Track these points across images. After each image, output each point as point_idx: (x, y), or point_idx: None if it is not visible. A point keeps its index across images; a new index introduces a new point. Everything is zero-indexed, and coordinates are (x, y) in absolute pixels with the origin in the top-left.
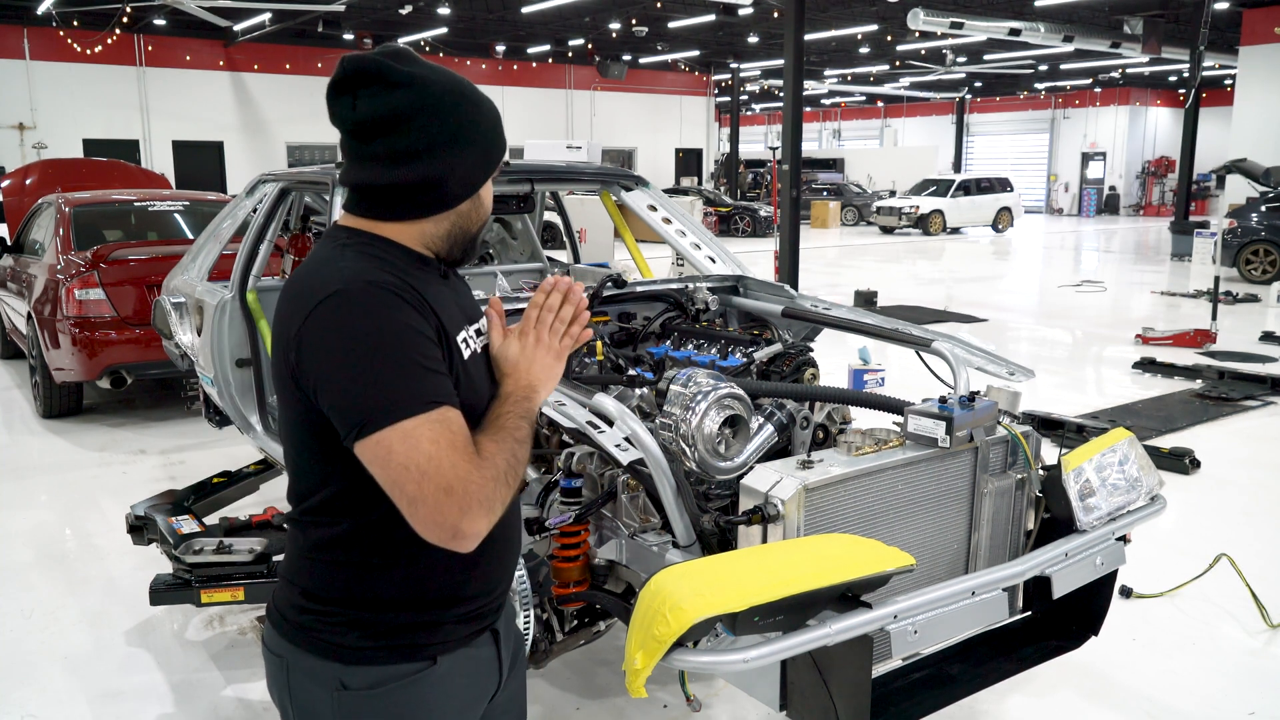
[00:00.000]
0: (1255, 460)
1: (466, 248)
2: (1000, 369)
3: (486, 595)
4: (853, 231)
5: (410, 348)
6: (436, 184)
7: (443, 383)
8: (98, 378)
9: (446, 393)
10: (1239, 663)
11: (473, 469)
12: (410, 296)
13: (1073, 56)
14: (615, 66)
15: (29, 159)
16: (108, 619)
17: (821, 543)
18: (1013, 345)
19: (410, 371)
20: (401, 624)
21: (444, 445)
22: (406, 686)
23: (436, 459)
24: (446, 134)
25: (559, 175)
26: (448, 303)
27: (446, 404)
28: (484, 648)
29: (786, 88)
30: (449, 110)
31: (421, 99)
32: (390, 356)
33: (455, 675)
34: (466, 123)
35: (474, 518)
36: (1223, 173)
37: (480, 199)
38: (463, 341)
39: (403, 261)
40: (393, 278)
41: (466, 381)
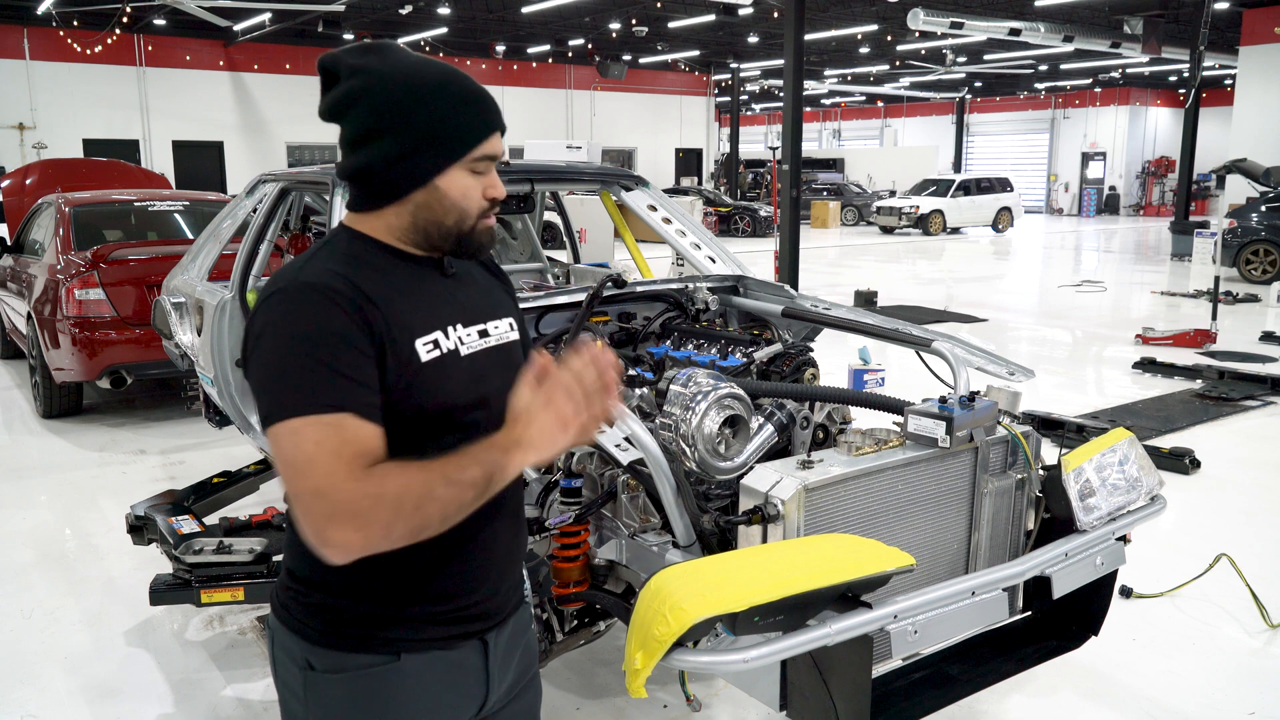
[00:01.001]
0: (1255, 460)
1: (454, 241)
2: (1000, 369)
3: (458, 599)
4: (853, 231)
5: (323, 351)
6: (370, 172)
7: (352, 391)
8: (98, 378)
9: (354, 401)
10: (1239, 663)
11: (347, 479)
12: (347, 300)
13: (1073, 56)
14: (615, 66)
15: (29, 159)
16: (108, 619)
17: (821, 543)
18: (1013, 345)
19: (315, 374)
20: (362, 614)
21: (326, 449)
22: (368, 677)
23: (314, 460)
24: (378, 122)
25: (559, 175)
26: (426, 303)
27: (348, 411)
28: (467, 655)
29: (786, 88)
30: (383, 98)
31: (359, 89)
32: (299, 356)
33: (425, 677)
34: (397, 111)
35: (340, 527)
36: (1223, 173)
37: (441, 190)
38: (430, 343)
39: (377, 259)
40: (338, 280)
41: (428, 383)
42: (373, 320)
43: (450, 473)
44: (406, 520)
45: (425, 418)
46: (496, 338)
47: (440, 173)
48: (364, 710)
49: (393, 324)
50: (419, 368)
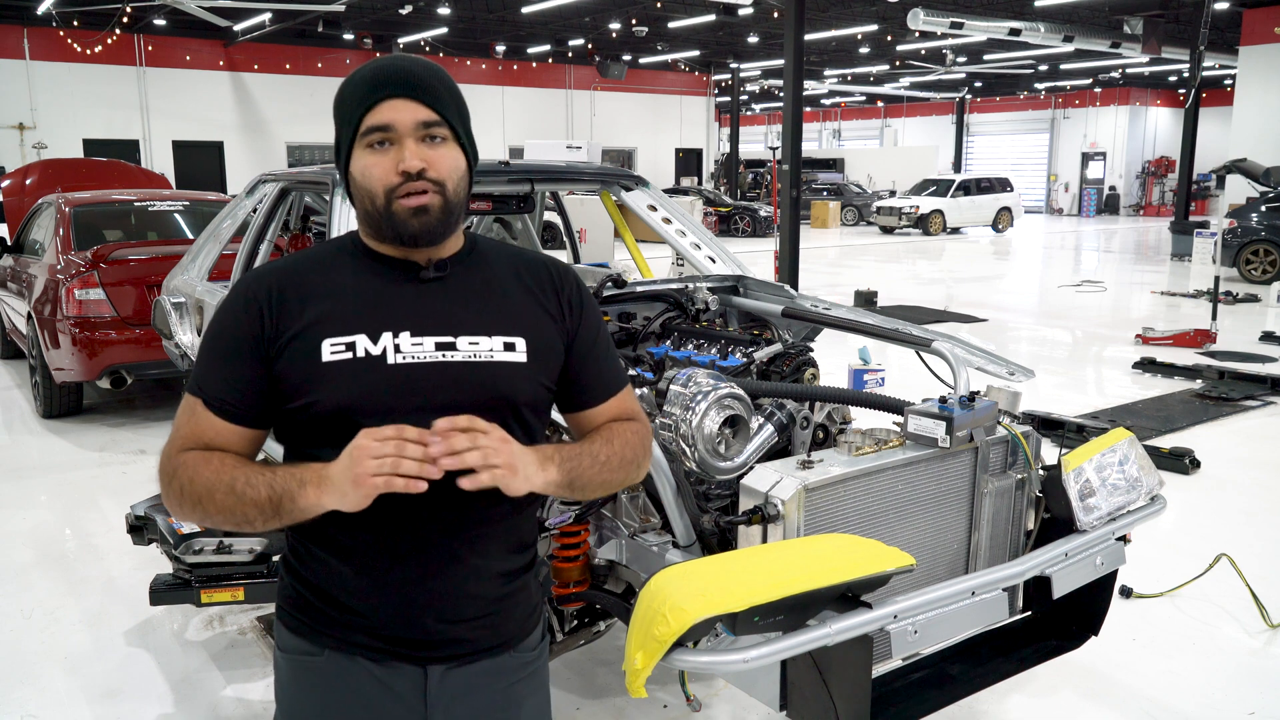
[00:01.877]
0: (1255, 460)
1: (386, 226)
2: (1000, 369)
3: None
4: (853, 231)
5: (214, 343)
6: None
7: (212, 383)
8: (98, 378)
9: (208, 392)
10: (1239, 663)
11: (166, 452)
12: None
13: (1073, 56)
14: (615, 66)
15: (29, 159)
16: (108, 619)
17: (821, 543)
18: (1013, 345)
19: (202, 358)
20: (299, 600)
21: (177, 422)
22: (301, 664)
23: (175, 426)
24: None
25: (559, 175)
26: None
27: (201, 399)
28: (397, 678)
29: (786, 88)
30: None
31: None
32: (204, 339)
33: (347, 680)
34: (335, 108)
35: (160, 483)
36: (1223, 173)
37: (353, 175)
38: (340, 345)
39: (343, 260)
40: (263, 281)
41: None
42: (271, 321)
43: (238, 485)
44: (189, 509)
45: (322, 417)
46: (467, 354)
47: (349, 156)
48: (298, 695)
49: (306, 324)
50: (318, 367)
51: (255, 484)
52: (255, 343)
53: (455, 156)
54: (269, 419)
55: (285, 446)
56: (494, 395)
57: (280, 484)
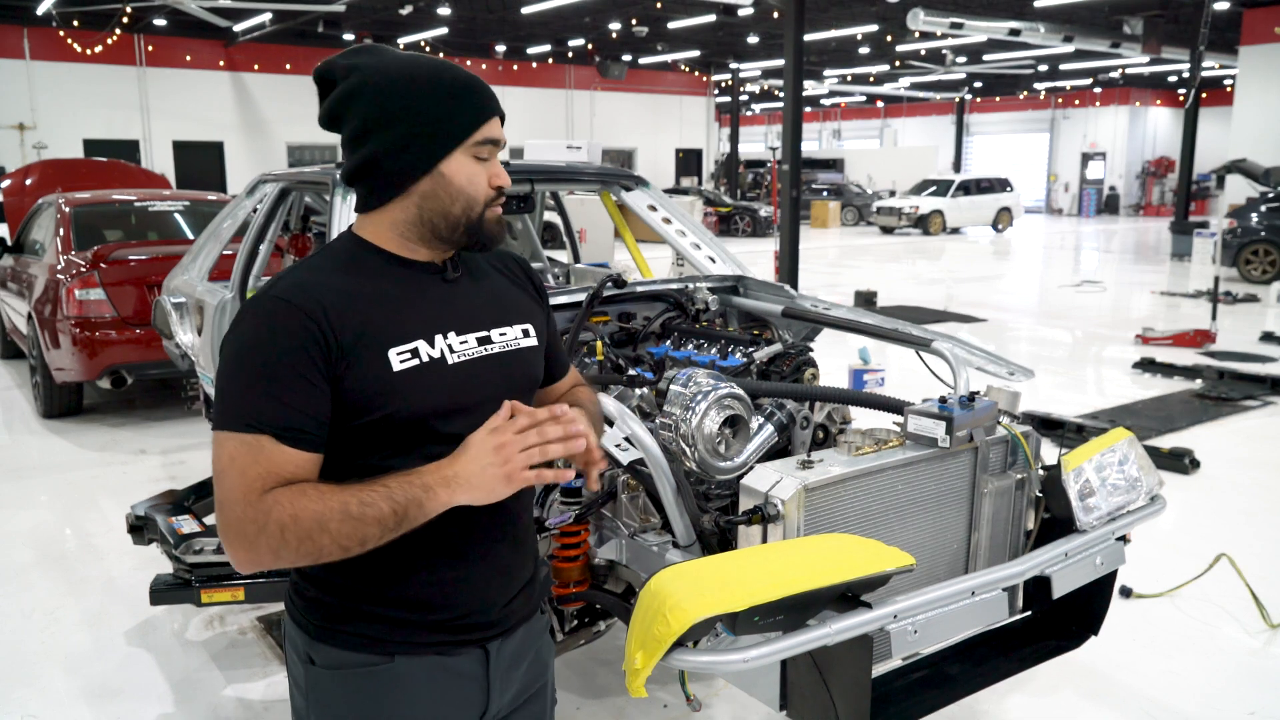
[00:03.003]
0: (1255, 460)
1: (463, 232)
2: (1000, 369)
3: (449, 611)
4: (853, 231)
5: (262, 371)
6: (374, 164)
7: (278, 412)
8: (98, 378)
9: (274, 423)
10: (1239, 663)
11: (241, 501)
12: (306, 317)
13: (1073, 56)
14: (615, 66)
15: (29, 159)
16: (108, 619)
17: (821, 543)
18: (1013, 345)
19: (248, 392)
20: (357, 613)
21: (236, 467)
22: (363, 676)
23: (225, 474)
24: (376, 114)
25: (559, 175)
26: (412, 311)
27: (268, 434)
28: (465, 663)
29: (786, 88)
30: (371, 92)
31: (352, 86)
32: (240, 373)
33: (420, 680)
34: (389, 102)
35: (231, 543)
36: (1223, 173)
37: (446, 177)
38: (406, 353)
39: (371, 266)
40: (306, 295)
41: (401, 392)
42: (332, 337)
43: (352, 507)
44: (294, 549)
45: (398, 426)
46: (501, 345)
47: (444, 158)
48: (359, 708)
49: (363, 335)
50: (390, 377)
51: (372, 501)
52: (322, 362)
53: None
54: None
55: (343, 462)
56: (526, 380)
57: (401, 494)
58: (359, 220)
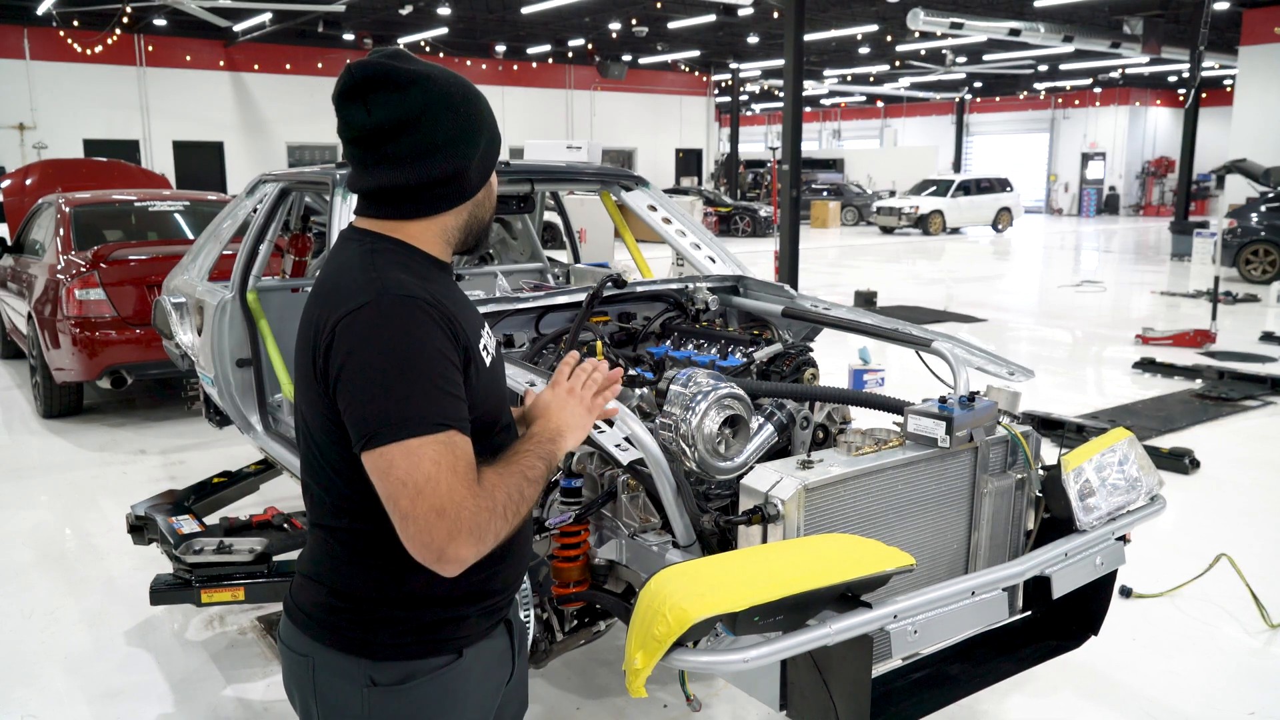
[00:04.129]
0: (1255, 460)
1: (480, 236)
2: (1000, 369)
3: (506, 590)
4: (853, 231)
5: (430, 368)
6: (459, 176)
7: (456, 407)
8: (98, 378)
9: (458, 417)
10: (1239, 663)
11: (469, 496)
12: (438, 313)
13: (1073, 56)
14: (615, 66)
15: (29, 159)
16: (108, 619)
17: (821, 543)
18: (1013, 345)
19: (426, 392)
20: (430, 620)
21: (444, 468)
22: (434, 680)
23: (434, 479)
24: (460, 126)
25: (559, 175)
26: (466, 310)
27: (455, 429)
28: (500, 638)
29: (786, 88)
30: (459, 103)
31: (433, 96)
32: (408, 374)
33: (477, 666)
34: (475, 113)
35: (461, 543)
36: (1223, 173)
37: (490, 185)
38: (483, 349)
39: (427, 269)
40: (424, 292)
41: (487, 389)
42: (457, 331)
43: (529, 473)
44: (510, 525)
45: (487, 419)
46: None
47: (488, 177)
48: (431, 714)
49: (467, 332)
50: (484, 371)
51: (532, 464)
52: (456, 352)
53: None
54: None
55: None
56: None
57: (541, 453)
58: (397, 226)
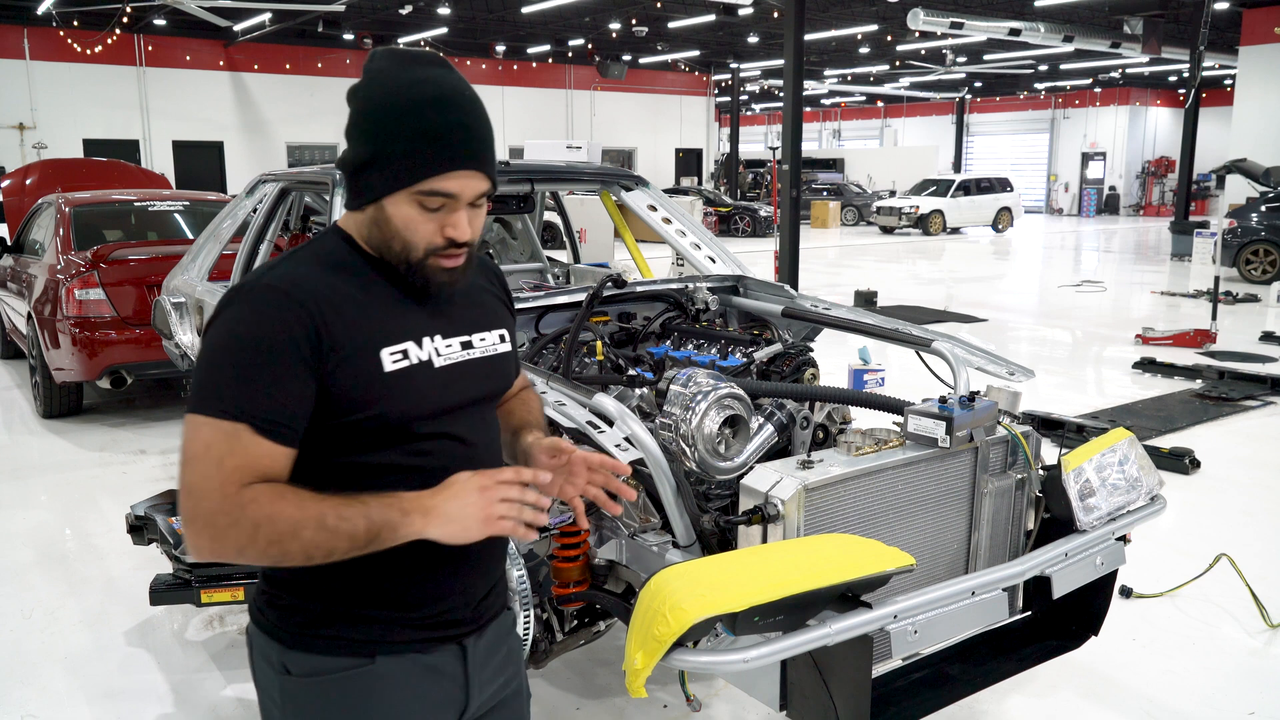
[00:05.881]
0: (1255, 460)
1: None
2: (1000, 369)
3: (427, 607)
4: (853, 231)
5: (247, 358)
6: (344, 168)
7: (259, 403)
8: (98, 378)
9: (255, 414)
10: (1239, 663)
11: (218, 491)
12: (300, 308)
13: (1073, 56)
14: (615, 66)
15: (29, 159)
16: (108, 619)
17: (821, 543)
18: (1013, 345)
19: (230, 378)
20: (334, 615)
21: (212, 454)
22: (342, 680)
23: (197, 459)
24: (356, 124)
25: (559, 175)
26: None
27: (245, 423)
28: (444, 660)
29: (786, 88)
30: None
31: (359, 86)
32: (223, 358)
33: (401, 679)
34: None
35: (197, 532)
36: (1223, 173)
37: (386, 213)
38: (398, 353)
39: (357, 264)
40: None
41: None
42: (326, 333)
43: (328, 519)
44: (261, 549)
45: (383, 426)
46: (481, 350)
47: (386, 195)
48: (340, 714)
49: (354, 334)
50: (383, 378)
51: (349, 516)
52: (311, 356)
53: (484, 209)
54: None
55: (316, 457)
56: (501, 384)
57: (378, 515)
58: (346, 216)
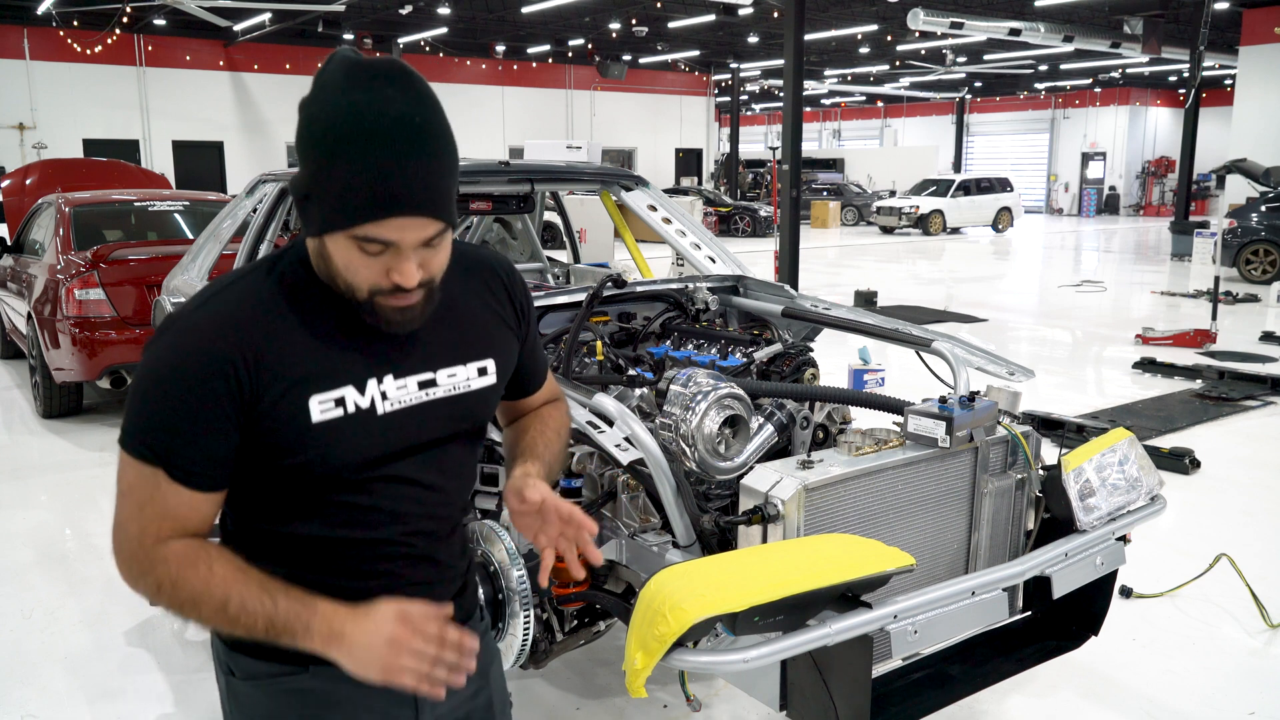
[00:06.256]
0: (1255, 460)
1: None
2: (1000, 369)
3: None
4: (853, 231)
5: (175, 399)
6: (293, 189)
7: (175, 452)
8: (98, 378)
9: (171, 462)
10: (1239, 663)
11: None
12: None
13: (1073, 56)
14: (615, 66)
15: (29, 159)
16: (108, 619)
17: (821, 543)
18: (1013, 345)
19: (153, 420)
20: None
21: (135, 497)
22: (279, 684)
23: (123, 496)
24: (299, 146)
25: (559, 175)
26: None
27: (162, 470)
28: None
29: (786, 88)
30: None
31: (303, 101)
32: (148, 398)
33: (339, 691)
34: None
35: (118, 565)
36: (1223, 173)
37: (328, 249)
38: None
39: (304, 294)
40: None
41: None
42: (248, 381)
43: (231, 606)
44: (168, 603)
45: (313, 476)
46: (447, 388)
47: (324, 233)
48: (274, 713)
49: (284, 377)
50: (308, 427)
51: (252, 611)
52: (231, 407)
53: (448, 245)
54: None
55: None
56: (471, 424)
57: (282, 620)
58: (306, 237)
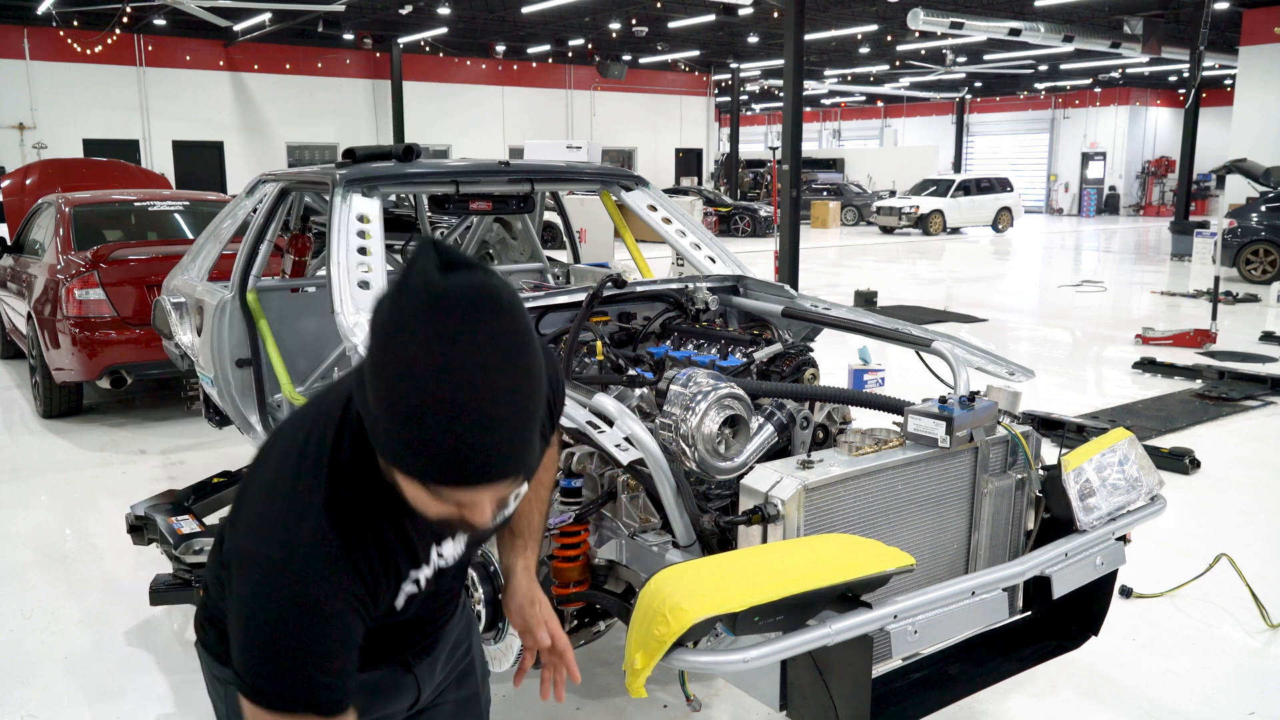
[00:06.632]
0: (1255, 460)
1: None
2: (1000, 369)
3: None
4: (853, 231)
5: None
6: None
7: (322, 692)
8: (98, 378)
9: (322, 702)
10: (1239, 663)
11: None
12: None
13: (1073, 56)
14: (615, 66)
15: (29, 159)
16: (108, 619)
17: (821, 543)
18: (1013, 345)
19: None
20: None
21: None
22: None
23: None
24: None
25: (559, 175)
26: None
27: (310, 714)
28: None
29: (786, 88)
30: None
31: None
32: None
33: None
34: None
35: None
36: (1223, 173)
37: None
38: (412, 584)
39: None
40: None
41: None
42: (370, 604)
43: None
44: None
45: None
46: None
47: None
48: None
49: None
50: (391, 611)
51: None
52: (362, 632)
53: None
54: None
55: None
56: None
57: None
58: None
